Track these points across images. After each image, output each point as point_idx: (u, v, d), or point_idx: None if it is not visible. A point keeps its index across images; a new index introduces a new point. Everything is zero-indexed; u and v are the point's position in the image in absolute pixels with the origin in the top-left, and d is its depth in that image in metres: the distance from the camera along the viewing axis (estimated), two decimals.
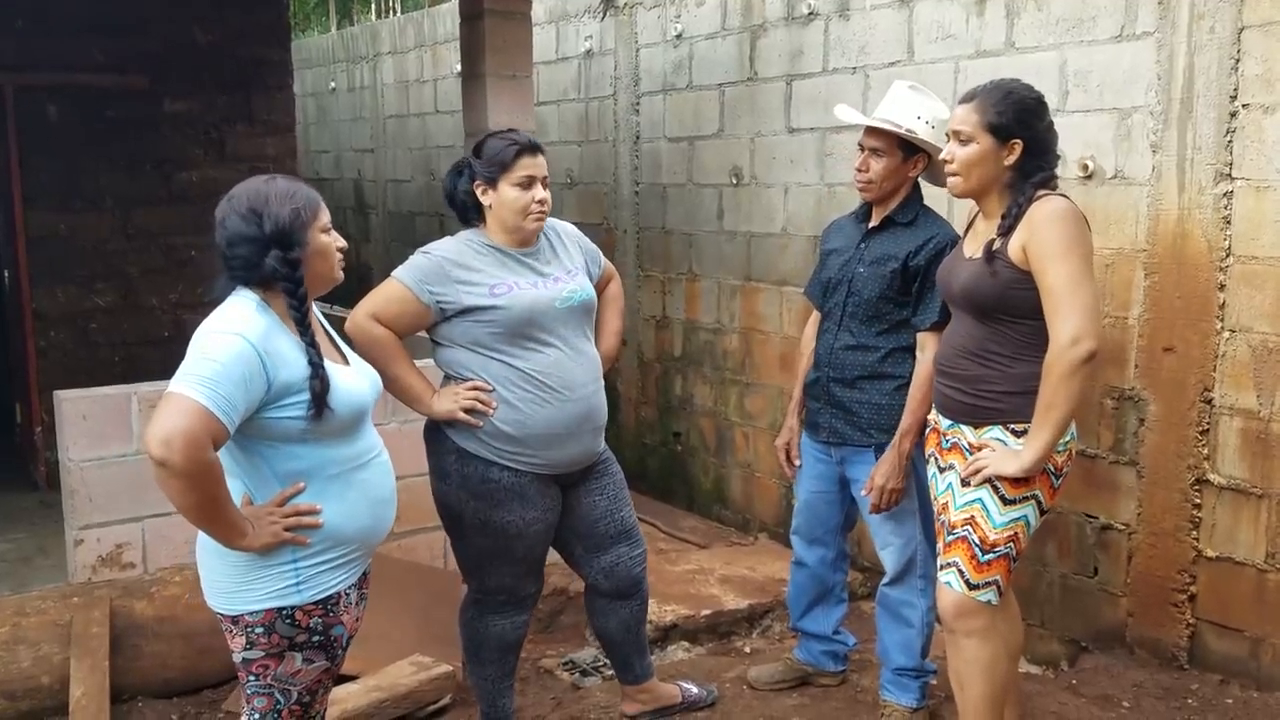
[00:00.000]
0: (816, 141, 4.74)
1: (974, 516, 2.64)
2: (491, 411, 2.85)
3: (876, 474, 3.14)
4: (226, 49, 6.42)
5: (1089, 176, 3.69)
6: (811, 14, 4.71)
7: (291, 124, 6.81)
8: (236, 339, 2.08)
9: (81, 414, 3.67)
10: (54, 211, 6.00)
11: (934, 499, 2.84)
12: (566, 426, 2.91)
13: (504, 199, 2.87)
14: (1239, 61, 3.28)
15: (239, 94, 6.52)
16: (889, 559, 3.27)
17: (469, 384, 2.86)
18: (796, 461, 3.44)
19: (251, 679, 2.25)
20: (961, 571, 2.65)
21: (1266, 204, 3.27)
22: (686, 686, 3.47)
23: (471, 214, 2.98)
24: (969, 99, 2.66)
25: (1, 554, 4.61)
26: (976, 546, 2.63)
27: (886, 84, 3.93)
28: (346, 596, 2.29)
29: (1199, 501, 3.49)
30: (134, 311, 6.31)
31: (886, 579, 3.29)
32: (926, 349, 3.07)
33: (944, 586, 2.71)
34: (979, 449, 2.66)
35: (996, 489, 2.61)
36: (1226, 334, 3.39)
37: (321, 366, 2.18)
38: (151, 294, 6.35)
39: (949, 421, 2.77)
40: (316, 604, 2.22)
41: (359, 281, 7.49)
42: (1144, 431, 3.62)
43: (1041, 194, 2.60)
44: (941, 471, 2.79)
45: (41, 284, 5.98)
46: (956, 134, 2.67)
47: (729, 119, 5.22)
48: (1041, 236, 2.53)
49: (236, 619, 2.20)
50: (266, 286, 2.20)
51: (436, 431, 2.95)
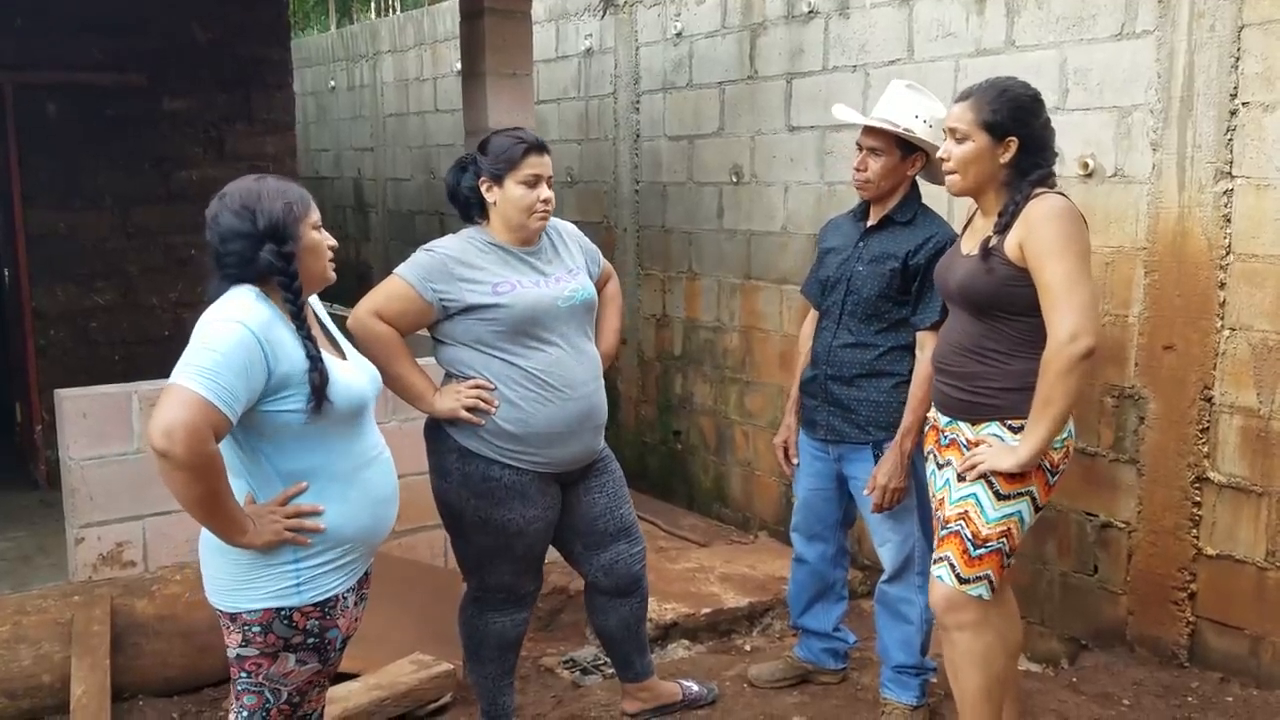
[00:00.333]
0: (816, 140, 4.74)
1: (967, 511, 2.65)
2: (493, 410, 2.85)
3: (879, 473, 3.15)
4: (226, 47, 6.41)
5: (1089, 175, 3.69)
6: (811, 12, 4.71)
7: (291, 123, 6.81)
8: (237, 326, 2.08)
9: (82, 412, 3.67)
10: (53, 210, 6.00)
11: (932, 496, 2.85)
12: (568, 425, 2.92)
13: (510, 197, 2.87)
14: (1239, 60, 3.28)
15: (238, 92, 6.52)
16: (887, 556, 3.27)
17: (471, 382, 2.87)
18: (794, 460, 3.45)
19: (243, 676, 2.25)
20: (953, 565, 2.67)
21: (1266, 202, 3.27)
22: (687, 685, 3.47)
23: (473, 210, 2.98)
24: (965, 97, 2.68)
25: (2, 553, 4.61)
26: (969, 541, 2.65)
27: (887, 82, 3.92)
28: (344, 599, 2.29)
29: (1199, 499, 3.50)
30: (134, 310, 6.31)
31: (885, 576, 3.30)
32: (926, 348, 3.07)
33: (935, 580, 2.72)
34: (976, 445, 2.67)
35: (991, 484, 2.62)
36: (1226, 332, 3.39)
37: (319, 360, 2.18)
38: (151, 292, 6.34)
39: (947, 418, 2.78)
40: (315, 606, 2.22)
41: (359, 280, 7.50)
42: (1144, 429, 3.62)
43: (1039, 192, 2.61)
44: (939, 468, 2.79)
45: (41, 283, 5.98)
46: (953, 132, 2.68)
47: (729, 117, 5.22)
48: (1038, 234, 2.54)
49: (235, 616, 2.21)
50: (262, 282, 2.20)
51: (437, 430, 2.96)
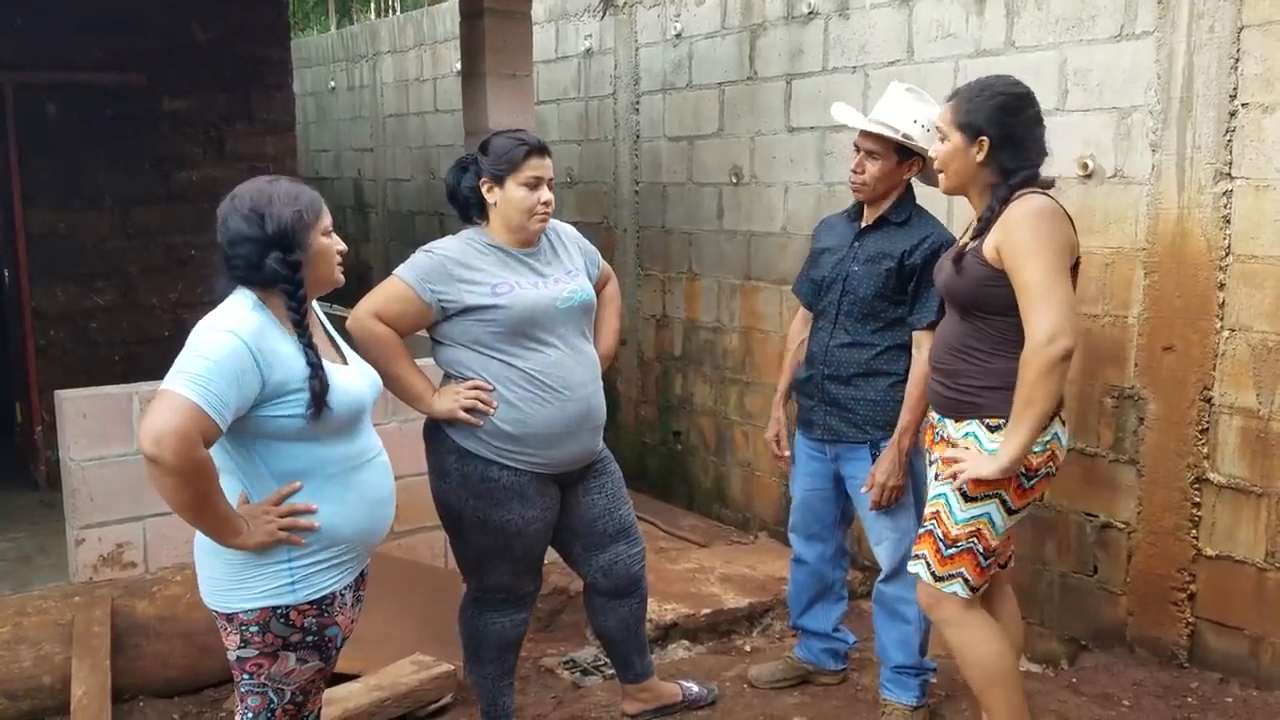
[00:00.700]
0: (816, 141, 4.74)
1: (939, 511, 2.68)
2: (492, 410, 2.85)
3: (877, 471, 3.15)
4: (226, 47, 6.41)
5: (1089, 176, 3.69)
6: (811, 13, 4.71)
7: (291, 123, 6.80)
8: (229, 336, 2.09)
9: (82, 413, 3.67)
10: (53, 210, 5.99)
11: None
12: (566, 426, 2.92)
13: (510, 198, 2.88)
14: (1238, 61, 3.29)
15: (238, 92, 6.52)
16: (884, 555, 3.27)
17: (469, 383, 2.87)
18: (786, 452, 3.47)
19: (245, 678, 2.25)
20: (928, 563, 2.70)
21: (1266, 203, 3.27)
22: (687, 685, 3.47)
23: (473, 211, 2.98)
24: (951, 97, 2.69)
25: (2, 553, 4.61)
26: (940, 540, 2.68)
27: (886, 83, 3.92)
28: (342, 597, 2.29)
29: (1199, 500, 3.50)
30: (134, 310, 6.31)
31: (882, 576, 3.30)
32: (923, 347, 3.08)
33: (917, 576, 2.76)
34: (953, 444, 2.69)
35: (959, 486, 2.64)
36: (1226, 333, 3.39)
37: (320, 366, 2.18)
38: (151, 293, 6.34)
39: (938, 416, 2.81)
40: (311, 604, 2.22)
41: (359, 281, 7.49)
42: (1144, 430, 3.62)
43: (1020, 194, 2.59)
44: (930, 465, 2.82)
45: (41, 283, 5.98)
46: (938, 130, 2.71)
47: (729, 118, 5.22)
48: (1013, 236, 2.53)
49: (231, 617, 2.21)
50: (266, 287, 2.20)
51: (436, 430, 2.96)
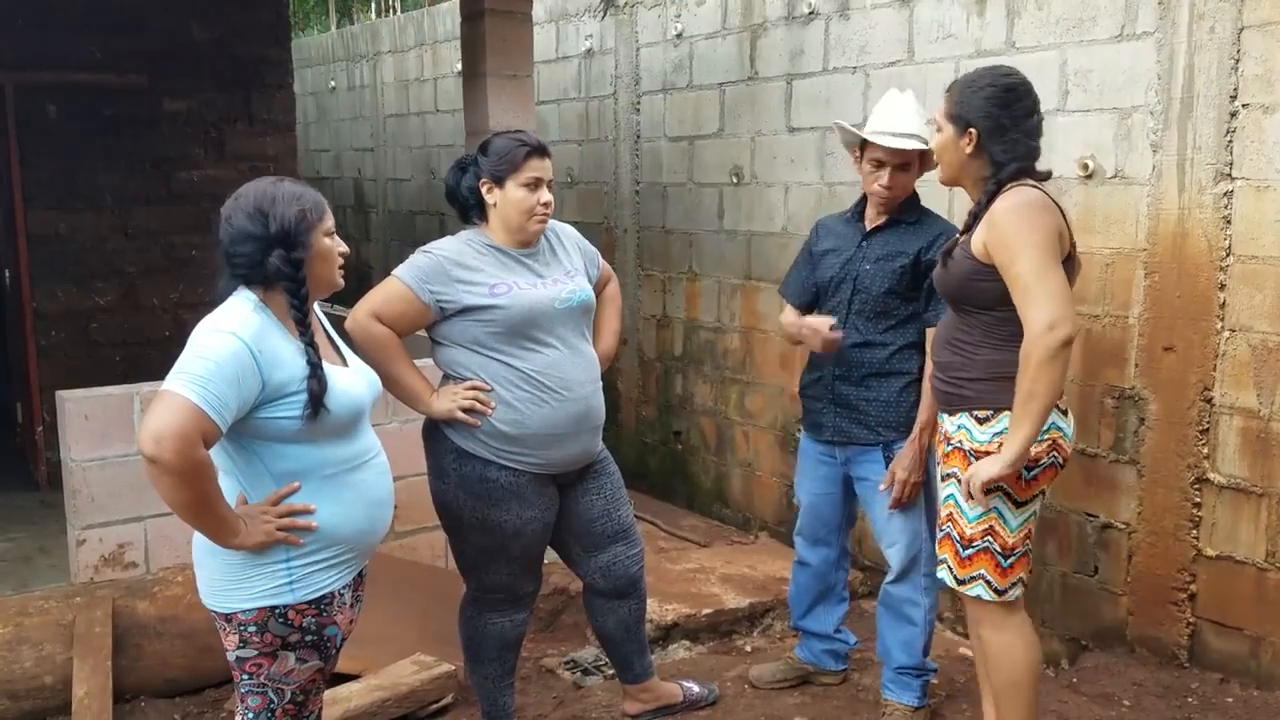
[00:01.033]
0: (817, 141, 4.74)
1: (952, 513, 2.68)
2: (490, 411, 2.85)
3: (897, 467, 3.15)
4: (226, 47, 6.41)
5: (1089, 176, 3.69)
6: (812, 13, 4.71)
7: (291, 123, 6.80)
8: (230, 337, 2.09)
9: (83, 414, 3.68)
10: (53, 211, 6.00)
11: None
12: (565, 426, 2.92)
13: (510, 199, 2.88)
14: (1239, 61, 3.28)
15: (238, 92, 6.52)
16: (894, 556, 3.27)
17: (468, 384, 2.87)
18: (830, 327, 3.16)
19: (245, 678, 2.25)
20: (951, 568, 2.70)
21: (1266, 204, 3.27)
22: (688, 685, 3.48)
23: (472, 211, 2.98)
24: (949, 88, 2.69)
25: (3, 554, 4.61)
26: (957, 542, 2.67)
27: (887, 83, 3.93)
28: (340, 597, 2.29)
29: (1199, 500, 3.50)
30: (134, 311, 6.31)
31: (890, 577, 3.30)
32: None
33: (942, 582, 2.76)
34: (950, 438, 2.69)
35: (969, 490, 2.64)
36: (1227, 333, 3.39)
37: (320, 367, 2.18)
38: (152, 293, 6.35)
39: (939, 411, 2.81)
40: (309, 603, 2.22)
41: (359, 281, 7.49)
42: (1144, 431, 3.62)
43: (1009, 187, 2.57)
44: (939, 466, 2.82)
45: (42, 283, 5.98)
46: (934, 122, 2.72)
47: (729, 118, 5.22)
48: (1000, 232, 2.52)
49: (230, 617, 2.21)
50: (268, 286, 2.20)
51: (435, 431, 2.96)
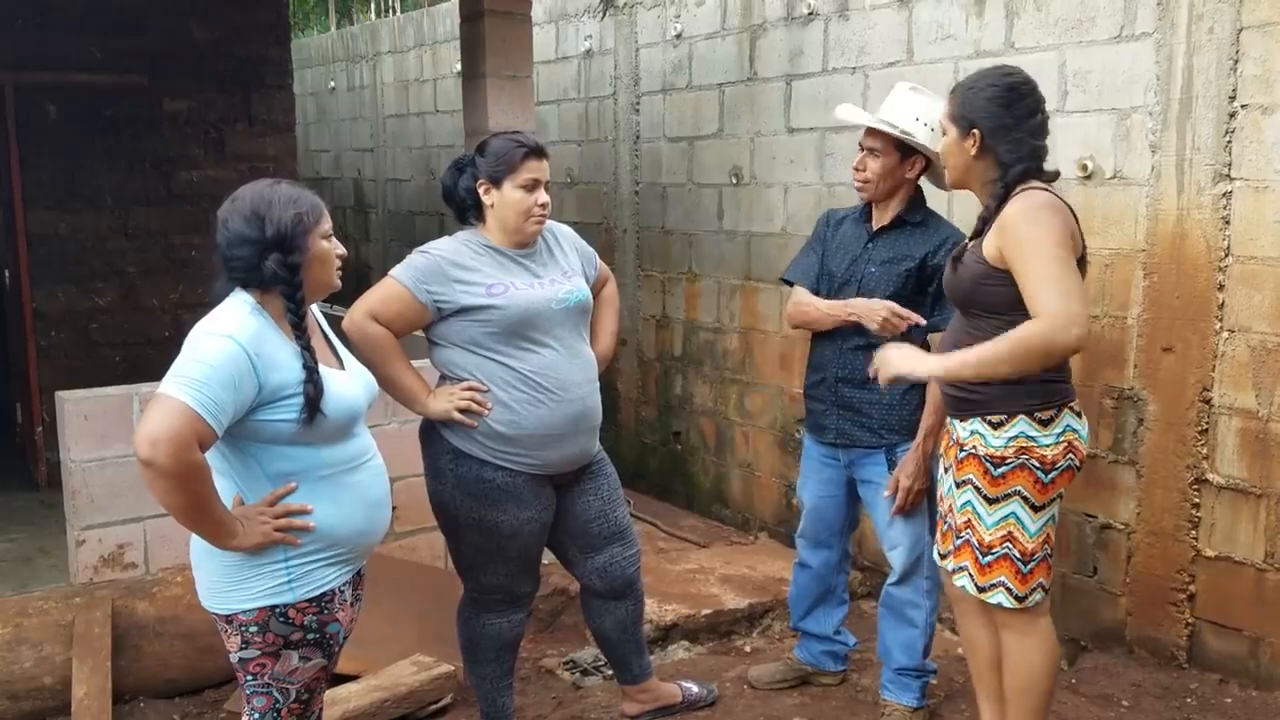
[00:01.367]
0: (816, 141, 4.75)
1: (970, 520, 2.66)
2: (486, 412, 2.85)
3: (901, 475, 3.14)
4: (226, 48, 6.42)
5: (1088, 177, 3.69)
6: (811, 14, 4.71)
7: (291, 123, 6.81)
8: (227, 341, 2.09)
9: (83, 414, 3.67)
10: (53, 211, 6.01)
11: (940, 498, 2.85)
12: (561, 427, 2.92)
13: (508, 200, 2.88)
14: (1238, 62, 3.29)
15: (238, 93, 6.52)
16: (897, 559, 3.26)
17: (464, 384, 2.87)
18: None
19: (249, 679, 2.26)
20: (971, 575, 2.68)
21: (1265, 204, 3.28)
22: (687, 686, 3.48)
23: (468, 211, 2.98)
24: (953, 91, 2.68)
25: (2, 554, 4.61)
26: (976, 549, 2.65)
27: (886, 84, 3.92)
28: (341, 594, 2.30)
29: (1198, 501, 3.50)
30: (134, 311, 6.32)
31: (892, 579, 3.30)
32: None
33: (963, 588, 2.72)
34: (962, 444, 2.67)
35: (979, 490, 2.63)
36: (1225, 334, 3.40)
37: (316, 371, 2.18)
38: (152, 293, 6.35)
39: (949, 417, 2.79)
40: (310, 601, 2.23)
41: (358, 281, 7.49)
42: (1143, 431, 3.62)
43: (1019, 190, 2.52)
44: (945, 472, 2.80)
45: (42, 284, 5.98)
46: (940, 125, 2.69)
47: (729, 119, 5.22)
48: (1013, 236, 2.46)
49: (230, 618, 2.21)
50: (264, 289, 2.20)
51: (432, 431, 2.96)
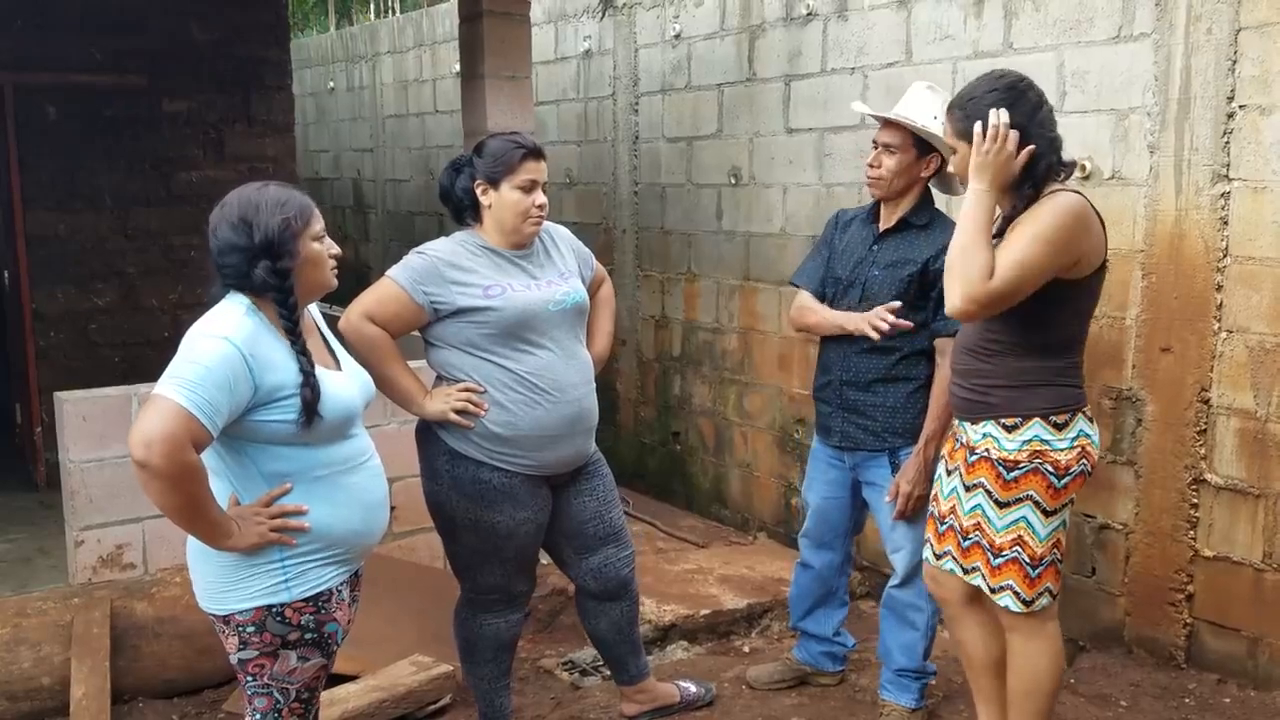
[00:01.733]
0: (815, 142, 4.74)
1: (980, 523, 2.67)
2: (482, 413, 2.86)
3: (902, 480, 3.14)
4: (225, 48, 6.42)
5: (1086, 177, 3.69)
6: (810, 14, 4.71)
7: (290, 123, 6.81)
8: (222, 342, 2.09)
9: (82, 415, 3.68)
10: (53, 211, 6.01)
11: (934, 496, 2.85)
12: (557, 428, 2.92)
13: (505, 201, 2.88)
14: (1236, 63, 3.29)
15: (238, 93, 6.52)
16: (899, 561, 3.26)
17: (460, 385, 2.87)
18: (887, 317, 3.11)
19: (249, 680, 2.26)
20: (984, 577, 2.68)
21: (1264, 205, 3.28)
22: (685, 686, 3.48)
23: (466, 212, 2.98)
24: (948, 112, 2.67)
25: (1, 554, 4.62)
26: (988, 551, 2.66)
27: (885, 84, 3.93)
28: (339, 593, 2.30)
29: (1196, 501, 3.50)
30: (134, 311, 6.32)
31: (895, 581, 3.29)
32: (947, 354, 3.00)
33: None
34: (974, 447, 2.67)
35: (990, 493, 2.63)
36: (1224, 334, 3.40)
37: (313, 374, 2.18)
38: (151, 294, 6.35)
39: (958, 420, 2.78)
40: (307, 601, 2.23)
41: (357, 281, 7.48)
42: (1141, 431, 3.62)
43: (1049, 190, 2.57)
44: (949, 474, 2.79)
45: (41, 284, 5.99)
46: (949, 146, 2.69)
47: (727, 119, 5.22)
48: (1031, 216, 2.52)
49: (228, 619, 2.21)
50: (258, 293, 2.20)
51: (428, 432, 2.97)
